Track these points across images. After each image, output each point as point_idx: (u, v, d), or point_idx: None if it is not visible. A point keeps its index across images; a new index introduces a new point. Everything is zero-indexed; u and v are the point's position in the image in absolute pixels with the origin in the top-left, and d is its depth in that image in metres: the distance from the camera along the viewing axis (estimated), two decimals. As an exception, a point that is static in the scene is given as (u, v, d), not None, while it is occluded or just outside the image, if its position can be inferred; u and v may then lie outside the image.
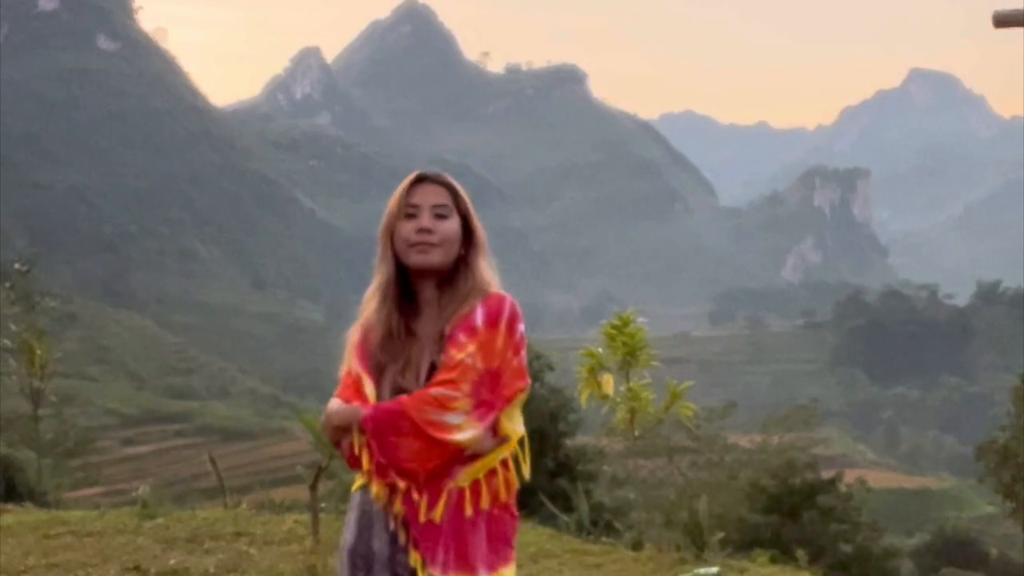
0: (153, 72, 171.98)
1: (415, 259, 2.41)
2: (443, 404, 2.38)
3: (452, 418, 2.39)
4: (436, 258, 2.42)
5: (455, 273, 2.46)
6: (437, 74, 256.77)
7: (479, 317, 2.44)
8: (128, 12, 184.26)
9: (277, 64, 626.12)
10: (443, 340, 2.41)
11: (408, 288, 2.50)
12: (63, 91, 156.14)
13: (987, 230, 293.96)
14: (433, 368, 2.42)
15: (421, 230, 2.40)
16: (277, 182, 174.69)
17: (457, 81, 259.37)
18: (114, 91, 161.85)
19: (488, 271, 2.49)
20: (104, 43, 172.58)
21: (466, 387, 2.38)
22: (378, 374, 2.44)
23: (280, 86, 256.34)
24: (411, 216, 2.42)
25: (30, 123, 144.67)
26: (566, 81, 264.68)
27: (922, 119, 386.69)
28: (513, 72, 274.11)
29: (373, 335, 2.46)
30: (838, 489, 18.42)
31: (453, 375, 2.38)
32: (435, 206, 2.43)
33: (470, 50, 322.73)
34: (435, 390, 2.38)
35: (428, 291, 2.47)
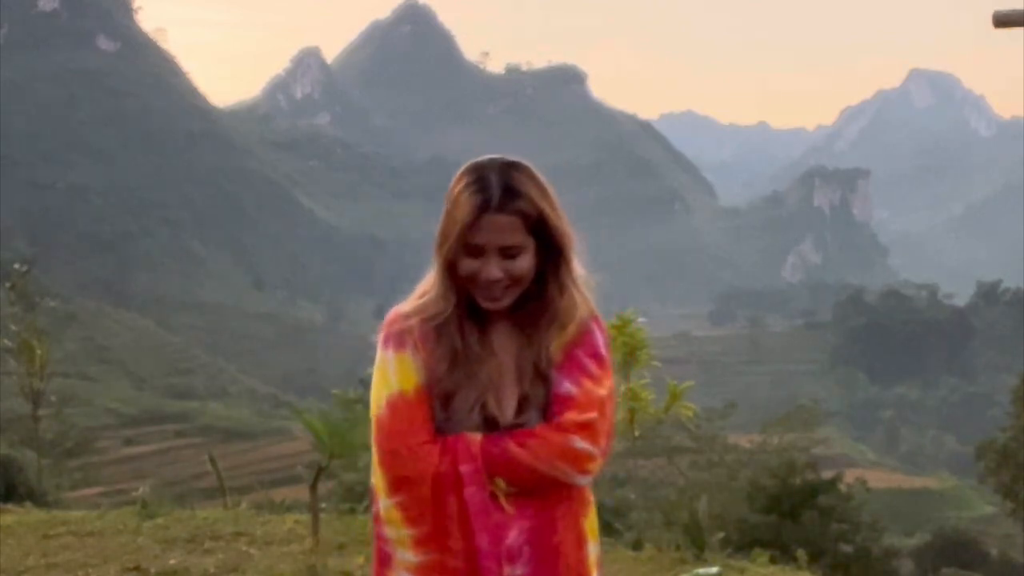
0: (153, 72, 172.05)
1: (484, 304, 1.94)
2: (581, 462, 1.91)
3: (581, 480, 1.94)
4: (509, 300, 1.94)
5: (539, 286, 1.98)
6: (437, 74, 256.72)
7: (600, 340, 1.99)
8: (128, 12, 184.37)
9: (277, 64, 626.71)
10: (539, 368, 1.95)
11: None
12: (63, 91, 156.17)
13: (987, 230, 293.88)
14: (524, 401, 1.95)
15: (488, 281, 1.91)
16: (277, 182, 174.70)
17: (457, 81, 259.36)
18: (114, 91, 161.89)
19: (582, 286, 2.02)
20: (104, 43, 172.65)
21: (605, 441, 1.93)
22: (445, 399, 1.94)
23: (280, 86, 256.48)
24: (474, 254, 1.92)
25: (30, 123, 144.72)
26: (566, 81, 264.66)
27: (922, 119, 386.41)
28: (513, 72, 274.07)
29: (435, 358, 1.94)
30: (838, 489, 18.42)
31: (593, 416, 1.91)
32: (504, 248, 1.90)
33: (470, 50, 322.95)
34: (578, 441, 1.90)
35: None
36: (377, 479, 1.95)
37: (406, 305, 2.00)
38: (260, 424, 70.86)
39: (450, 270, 1.93)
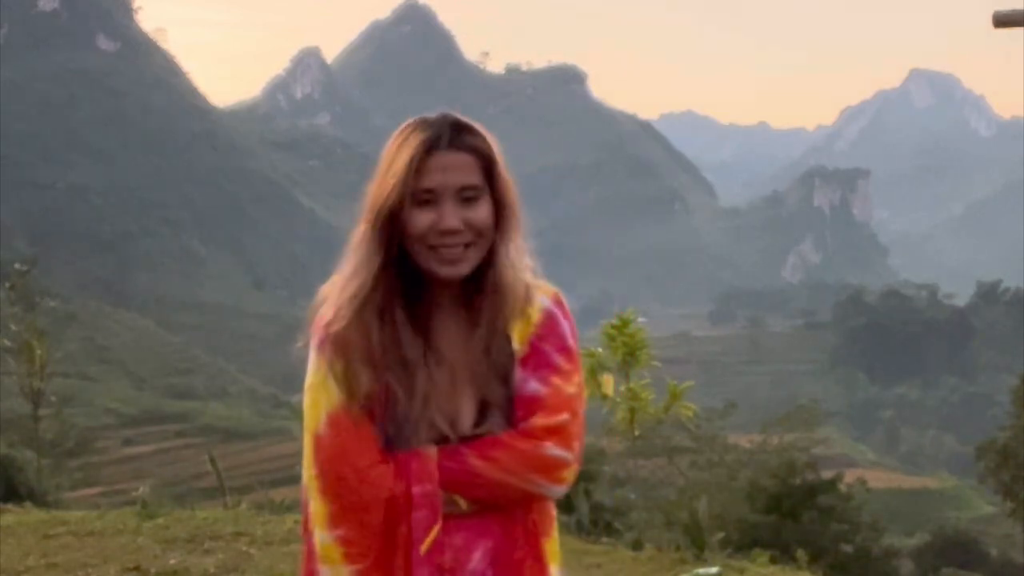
0: (153, 72, 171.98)
1: (441, 270, 1.60)
2: (556, 471, 1.62)
3: (556, 491, 1.64)
4: (470, 264, 1.62)
5: (486, 264, 1.66)
6: (437, 74, 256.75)
7: (567, 330, 1.69)
8: (128, 12, 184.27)
9: (277, 64, 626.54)
10: (499, 365, 1.64)
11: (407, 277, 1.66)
12: (63, 91, 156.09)
13: (987, 230, 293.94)
14: (485, 406, 1.64)
15: (446, 232, 1.58)
16: (277, 182, 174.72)
17: (457, 81, 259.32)
18: (114, 91, 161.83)
19: (519, 263, 1.70)
20: (104, 43, 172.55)
21: (578, 445, 1.64)
22: (388, 412, 1.62)
23: (280, 86, 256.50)
24: (425, 203, 1.59)
25: (30, 123, 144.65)
26: (566, 81, 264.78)
27: (922, 119, 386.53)
28: (513, 72, 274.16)
29: (363, 360, 1.60)
30: (838, 489, 18.43)
31: (564, 418, 1.61)
32: (462, 188, 1.60)
33: (470, 50, 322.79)
34: (551, 447, 1.60)
35: (445, 294, 1.66)
36: (315, 508, 1.60)
37: (332, 292, 1.66)
38: (260, 424, 70.88)
39: (382, 232, 1.61)
